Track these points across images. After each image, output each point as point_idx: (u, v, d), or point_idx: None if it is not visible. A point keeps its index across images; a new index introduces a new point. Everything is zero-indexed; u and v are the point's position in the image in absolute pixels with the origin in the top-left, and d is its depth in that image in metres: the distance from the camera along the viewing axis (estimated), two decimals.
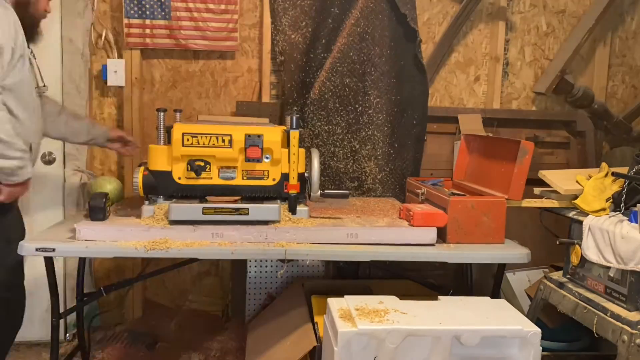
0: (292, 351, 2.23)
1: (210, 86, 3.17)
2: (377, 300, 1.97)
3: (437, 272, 2.90)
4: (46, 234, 2.20)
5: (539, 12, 3.33)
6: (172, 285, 3.25)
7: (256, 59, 3.16)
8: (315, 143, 3.02)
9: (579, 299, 2.13)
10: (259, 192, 2.25)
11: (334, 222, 2.29)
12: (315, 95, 3.01)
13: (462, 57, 3.32)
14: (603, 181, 2.26)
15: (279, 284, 3.01)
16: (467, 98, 3.35)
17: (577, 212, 2.23)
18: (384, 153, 3.10)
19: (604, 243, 2.03)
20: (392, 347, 1.75)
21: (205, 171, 2.20)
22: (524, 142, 2.28)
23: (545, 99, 3.38)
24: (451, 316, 1.85)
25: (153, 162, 2.21)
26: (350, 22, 3.02)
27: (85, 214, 2.37)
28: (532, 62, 3.36)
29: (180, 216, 2.13)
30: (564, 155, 3.30)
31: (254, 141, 2.20)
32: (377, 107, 3.07)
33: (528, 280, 2.95)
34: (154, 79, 3.13)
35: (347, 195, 2.43)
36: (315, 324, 2.23)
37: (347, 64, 3.03)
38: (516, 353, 1.82)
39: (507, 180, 2.32)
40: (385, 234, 2.21)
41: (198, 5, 3.02)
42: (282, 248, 2.11)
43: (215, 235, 2.13)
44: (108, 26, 3.05)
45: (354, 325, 1.77)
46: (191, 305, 3.22)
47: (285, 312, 2.61)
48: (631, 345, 1.83)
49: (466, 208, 2.26)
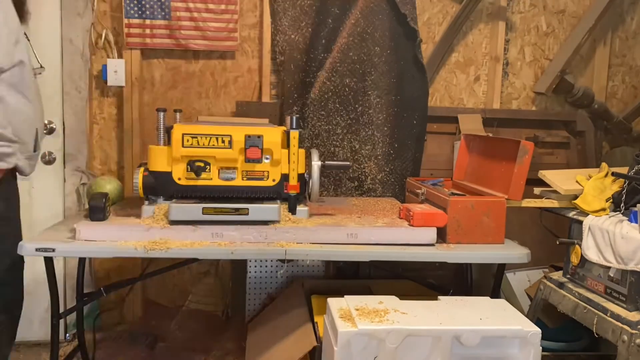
0: (292, 351, 2.23)
1: (210, 86, 3.17)
2: (377, 300, 1.97)
3: (437, 272, 2.89)
4: (46, 234, 2.20)
5: (539, 12, 3.33)
6: (172, 285, 3.26)
7: (256, 59, 3.16)
8: (315, 143, 3.02)
9: (579, 299, 2.13)
10: (259, 192, 2.25)
11: (334, 222, 2.29)
12: (315, 95, 3.02)
13: (462, 57, 3.32)
14: (603, 181, 2.26)
15: (279, 284, 3.02)
16: (467, 98, 3.35)
17: (577, 212, 2.23)
18: (384, 153, 3.10)
19: (604, 243, 2.03)
20: (392, 347, 1.75)
21: (205, 172, 2.20)
22: (524, 142, 2.28)
23: (545, 99, 3.38)
24: (451, 316, 1.86)
25: (153, 162, 2.21)
26: (351, 22, 3.02)
27: (85, 214, 2.37)
28: (532, 62, 3.36)
29: (180, 216, 2.13)
30: (564, 155, 3.30)
31: (253, 142, 2.20)
32: (377, 107, 3.07)
33: (528, 280, 2.95)
34: (154, 79, 3.13)
35: (349, 167, 2.48)
36: (315, 324, 2.23)
37: (347, 64, 3.03)
38: (516, 353, 1.82)
39: (507, 180, 2.32)
40: (385, 234, 2.21)
41: (198, 5, 3.02)
42: (282, 248, 2.11)
43: (215, 235, 2.13)
44: (108, 26, 3.05)
45: (354, 325, 1.77)
46: (191, 305, 3.22)
47: (285, 312, 2.61)
48: (631, 345, 1.83)
49: (466, 208, 2.26)
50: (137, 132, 3.06)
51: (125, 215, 2.30)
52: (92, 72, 3.06)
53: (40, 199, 3.00)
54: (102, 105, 3.12)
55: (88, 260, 2.90)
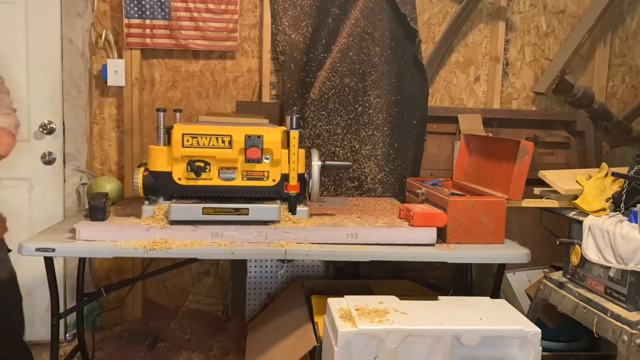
0: (292, 351, 2.23)
1: (210, 86, 3.17)
2: (377, 300, 1.97)
3: (437, 272, 2.90)
4: (46, 234, 2.20)
5: (539, 12, 3.33)
6: (172, 285, 3.26)
7: (256, 59, 3.16)
8: (315, 143, 3.02)
9: (579, 299, 2.13)
10: (259, 192, 2.25)
11: (334, 222, 2.29)
12: (315, 95, 3.02)
13: (462, 57, 3.32)
14: (603, 181, 2.26)
15: (279, 284, 3.02)
16: (467, 98, 3.35)
17: (577, 212, 2.23)
18: (384, 153, 3.10)
19: (604, 243, 2.03)
20: (392, 347, 1.75)
21: (205, 172, 2.20)
22: (524, 142, 2.28)
23: (545, 99, 3.38)
24: (451, 316, 1.85)
25: (153, 162, 2.20)
26: (351, 22, 3.02)
27: (85, 214, 2.37)
28: (532, 62, 3.36)
29: (180, 216, 2.13)
30: (564, 155, 3.30)
31: (254, 142, 2.20)
32: (377, 107, 3.07)
33: (528, 280, 2.95)
34: (154, 79, 3.13)
35: (349, 167, 2.53)
36: (315, 324, 2.23)
37: (347, 64, 3.03)
38: (516, 353, 1.82)
39: (507, 180, 2.32)
40: (385, 234, 2.21)
41: (198, 5, 3.02)
42: (282, 248, 2.11)
43: (215, 235, 2.13)
44: (108, 26, 3.05)
45: (354, 325, 1.77)
46: (191, 305, 3.22)
47: (285, 312, 2.61)
48: (631, 345, 1.83)
49: (466, 208, 2.26)
50: (137, 132, 3.06)
51: (125, 215, 2.30)
52: (92, 72, 3.06)
53: (40, 199, 3.00)
54: (102, 105, 3.12)
55: (88, 260, 2.90)
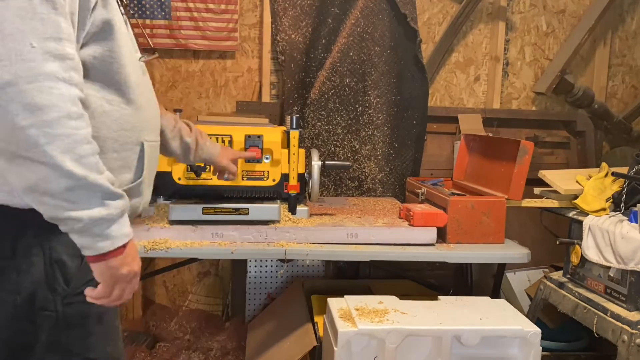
0: (292, 351, 2.22)
1: (210, 86, 3.17)
2: (377, 300, 1.97)
3: (437, 272, 2.90)
4: None
5: (539, 12, 3.33)
6: (172, 285, 3.25)
7: (256, 58, 3.16)
8: (315, 143, 3.02)
9: (579, 299, 2.13)
10: (259, 192, 2.25)
11: (334, 222, 2.29)
12: (315, 95, 3.01)
13: (462, 57, 3.32)
14: (603, 181, 2.26)
15: (279, 284, 3.01)
16: (467, 98, 3.35)
17: (577, 212, 2.23)
18: (384, 153, 3.10)
19: (604, 243, 2.03)
20: (392, 347, 1.75)
21: (205, 172, 2.20)
22: (524, 142, 2.28)
23: (545, 99, 3.38)
24: (451, 316, 1.86)
25: None
26: (351, 22, 3.02)
27: None
28: (532, 62, 3.36)
29: (180, 216, 2.13)
30: (564, 155, 3.30)
31: (254, 142, 2.20)
32: (377, 107, 3.07)
33: (528, 280, 2.95)
34: (154, 79, 3.13)
35: (349, 167, 2.63)
36: (315, 324, 2.23)
37: (347, 64, 3.03)
38: (516, 353, 1.82)
39: (507, 180, 2.32)
40: (385, 234, 2.21)
41: (198, 5, 3.02)
42: (282, 248, 2.11)
43: (215, 235, 2.13)
44: None
45: (354, 325, 1.77)
46: (191, 305, 3.22)
47: (285, 312, 2.61)
48: (631, 345, 1.83)
49: (466, 208, 2.26)
50: None
51: None
52: None
53: None
54: None
55: None
